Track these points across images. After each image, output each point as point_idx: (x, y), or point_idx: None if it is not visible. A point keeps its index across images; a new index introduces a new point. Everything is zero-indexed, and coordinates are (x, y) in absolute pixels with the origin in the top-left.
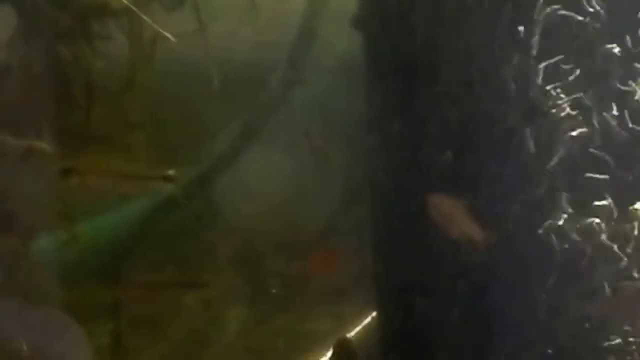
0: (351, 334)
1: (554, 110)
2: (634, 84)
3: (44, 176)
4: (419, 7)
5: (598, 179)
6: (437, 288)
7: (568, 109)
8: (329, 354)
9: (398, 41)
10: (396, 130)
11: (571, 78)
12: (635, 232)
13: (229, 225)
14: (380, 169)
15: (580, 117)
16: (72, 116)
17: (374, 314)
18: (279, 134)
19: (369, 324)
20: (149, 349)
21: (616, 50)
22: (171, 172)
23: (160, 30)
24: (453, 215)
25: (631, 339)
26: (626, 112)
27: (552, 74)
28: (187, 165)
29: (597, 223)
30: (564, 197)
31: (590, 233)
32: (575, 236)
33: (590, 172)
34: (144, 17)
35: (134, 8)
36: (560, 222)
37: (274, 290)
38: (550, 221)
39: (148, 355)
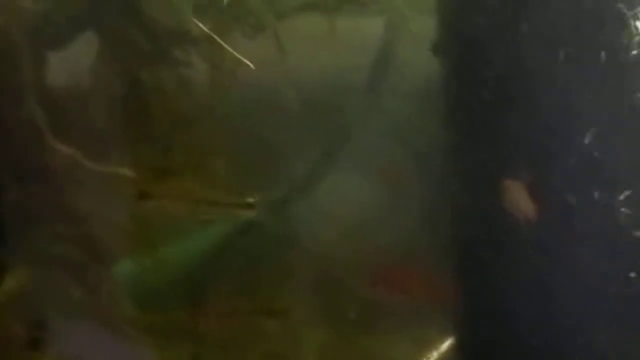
0: (430, 359)
1: None
2: None
3: (125, 202)
4: (498, 33)
5: None
6: (520, 312)
7: None
8: None
9: (477, 67)
10: (475, 153)
11: None
12: None
13: (308, 250)
14: (460, 192)
15: None
16: (153, 142)
17: (453, 338)
18: (357, 159)
19: (448, 348)
20: None
21: None
22: (251, 199)
23: (241, 58)
24: (520, 197)
25: None
26: None
27: None
28: (265, 190)
29: None
30: None
31: None
32: None
33: None
34: (225, 45)
35: (214, 36)
36: None
37: (353, 314)
38: None
39: None
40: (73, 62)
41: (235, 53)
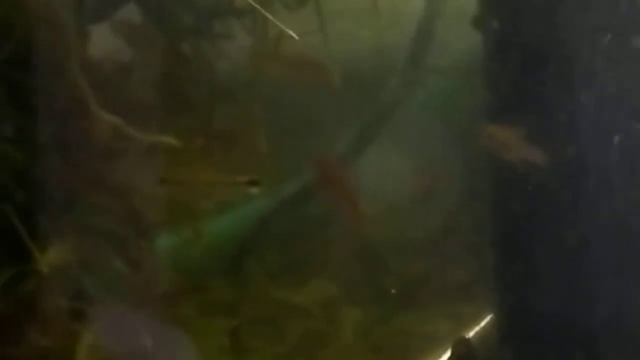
0: (470, 334)
1: None
2: None
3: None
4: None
5: None
6: (556, 286)
7: None
8: (448, 354)
9: (517, 40)
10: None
11: None
12: None
13: (347, 227)
14: (498, 165)
15: None
16: (195, 114)
17: (492, 314)
18: (398, 135)
19: (487, 324)
20: (268, 348)
21: None
22: (256, 176)
23: (284, 29)
24: (510, 142)
25: None
26: None
27: None
28: (306, 166)
29: None
30: None
31: None
32: None
33: None
34: (269, 16)
35: (258, 7)
36: None
37: (393, 291)
38: None
39: (267, 354)
40: (115, 35)
41: (279, 23)
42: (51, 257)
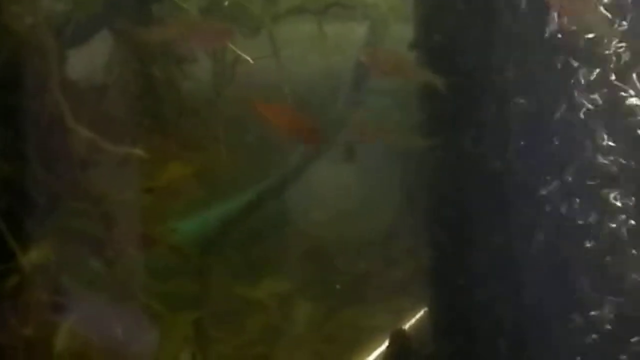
0: (406, 326)
1: None
2: None
3: (137, 181)
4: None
5: None
6: (482, 284)
7: None
8: (387, 343)
9: (449, 65)
10: (449, 140)
11: None
12: None
13: (300, 230)
14: (434, 177)
15: None
16: (164, 129)
17: (427, 308)
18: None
19: (422, 316)
20: (229, 339)
21: None
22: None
23: (241, 54)
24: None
25: None
26: None
27: None
28: (262, 177)
29: None
30: None
31: None
32: None
33: None
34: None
35: None
36: None
37: (338, 287)
38: None
39: (228, 344)
40: (91, 58)
41: (235, 49)
42: (33, 256)
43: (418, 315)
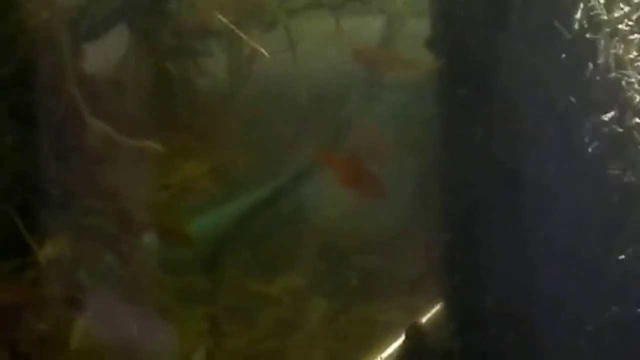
0: (422, 321)
1: None
2: None
3: (152, 178)
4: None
5: None
6: (496, 281)
7: None
8: (402, 338)
9: (468, 61)
10: (465, 135)
11: None
12: None
13: (314, 226)
14: (449, 172)
15: None
16: (179, 125)
17: (441, 304)
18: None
19: (437, 312)
20: (243, 334)
21: None
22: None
23: (257, 47)
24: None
25: None
26: None
27: None
28: (277, 173)
29: None
30: None
31: None
32: None
33: None
34: (243, 36)
35: (234, 28)
36: None
37: (354, 282)
38: None
39: (242, 339)
40: (107, 53)
41: (251, 42)
42: (48, 251)
43: (433, 311)
